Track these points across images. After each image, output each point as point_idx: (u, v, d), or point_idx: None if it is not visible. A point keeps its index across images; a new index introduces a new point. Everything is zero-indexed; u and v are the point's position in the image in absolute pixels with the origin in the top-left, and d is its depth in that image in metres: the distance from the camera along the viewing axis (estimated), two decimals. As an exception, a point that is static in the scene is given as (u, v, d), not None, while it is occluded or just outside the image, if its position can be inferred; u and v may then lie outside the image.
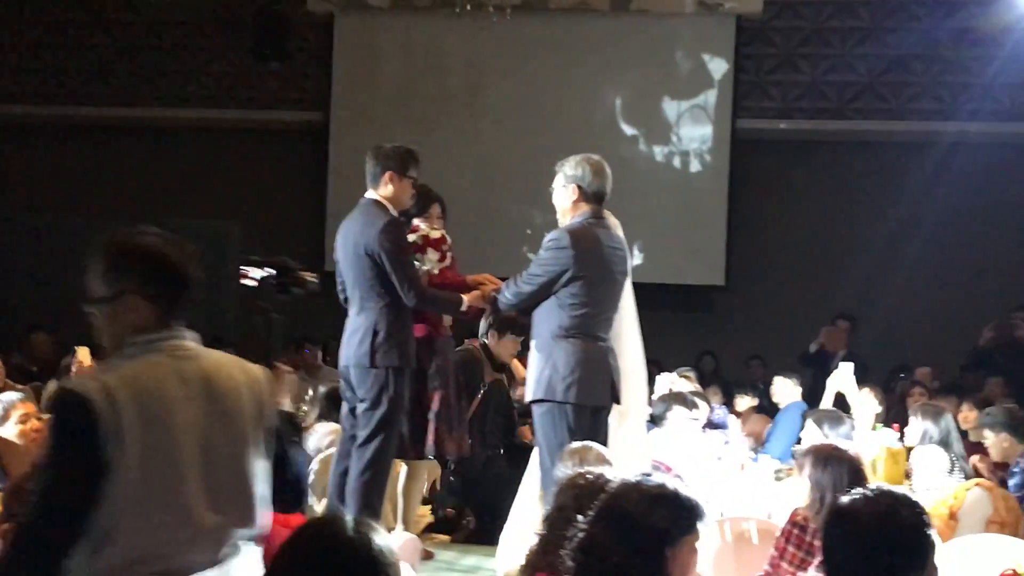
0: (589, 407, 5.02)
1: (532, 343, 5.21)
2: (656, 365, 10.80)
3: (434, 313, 5.55)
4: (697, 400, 6.44)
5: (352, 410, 5.26)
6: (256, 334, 12.60)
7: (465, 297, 5.36)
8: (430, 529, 6.53)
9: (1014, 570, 3.34)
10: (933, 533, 2.87)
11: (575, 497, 3.37)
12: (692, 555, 2.85)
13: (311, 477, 6.21)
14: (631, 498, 2.77)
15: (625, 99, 12.62)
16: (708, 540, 4.53)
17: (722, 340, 12.22)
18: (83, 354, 7.60)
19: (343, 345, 5.28)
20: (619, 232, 5.47)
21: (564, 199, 5.22)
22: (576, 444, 4.15)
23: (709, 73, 12.47)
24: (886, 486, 2.96)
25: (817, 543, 4.04)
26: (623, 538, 2.69)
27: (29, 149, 13.56)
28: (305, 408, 7.57)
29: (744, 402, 9.51)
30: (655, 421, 6.28)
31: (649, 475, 2.95)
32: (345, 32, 12.98)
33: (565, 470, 3.97)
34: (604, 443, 4.60)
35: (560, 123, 12.37)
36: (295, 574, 2.15)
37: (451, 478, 6.81)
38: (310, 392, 7.37)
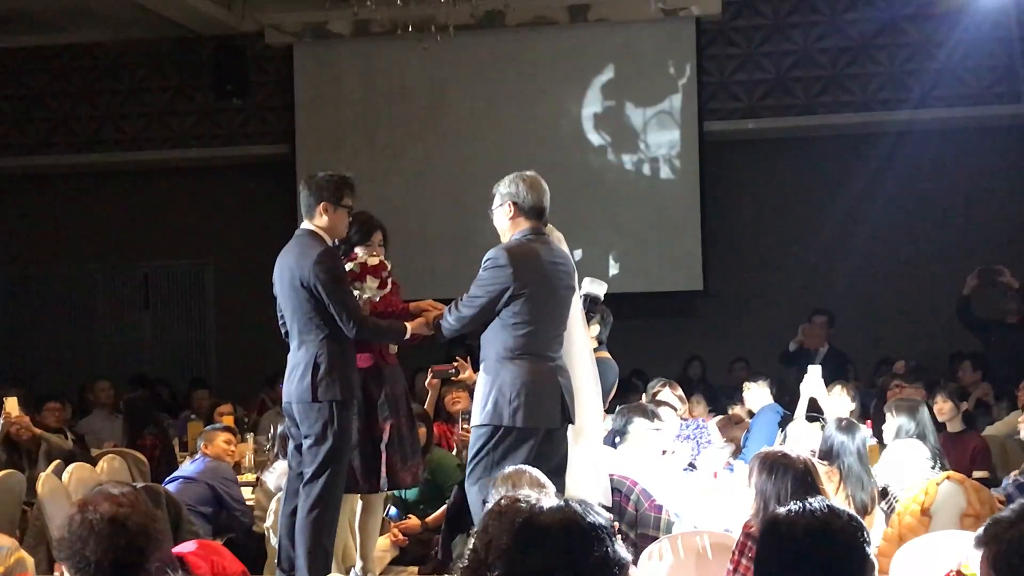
0: (540, 430, 4.88)
1: (481, 366, 5.09)
2: (638, 374, 10.78)
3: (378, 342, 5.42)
4: (660, 411, 6.29)
5: (298, 447, 5.14)
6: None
7: (409, 325, 5.24)
8: (397, 561, 6.39)
9: (959, 570, 3.21)
10: (872, 552, 2.76)
11: (500, 525, 3.21)
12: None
13: (270, 518, 6.11)
14: (532, 537, 2.53)
15: (590, 109, 12.52)
16: (662, 557, 4.45)
17: (704, 345, 12.12)
18: (11, 404, 7.51)
19: (285, 381, 5.16)
20: (563, 247, 5.35)
21: (502, 218, 5.11)
22: (509, 468, 4.01)
23: (673, 78, 12.37)
24: (825, 501, 2.83)
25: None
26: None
27: (-4, 201, 13.51)
28: (268, 446, 7.47)
29: (739, 411, 9.36)
30: (618, 435, 6.17)
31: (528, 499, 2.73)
32: (304, 62, 12.90)
33: (496, 496, 3.83)
34: (562, 464, 4.46)
35: (527, 138, 12.29)
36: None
37: (421, 506, 6.68)
38: (271, 430, 7.24)
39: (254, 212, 13.03)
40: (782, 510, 2.84)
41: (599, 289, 6.35)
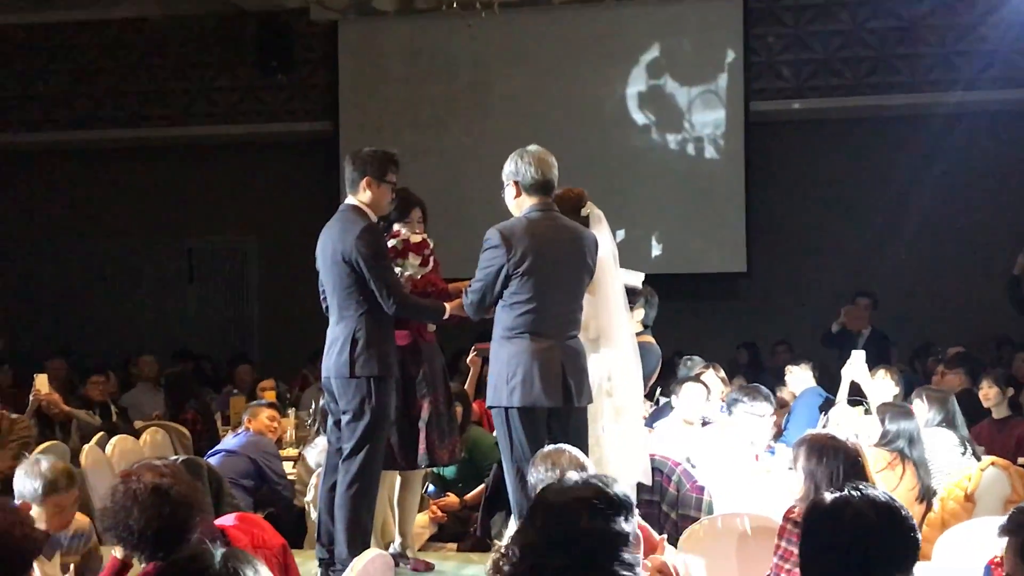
0: (539, 409, 4.75)
1: None
2: (680, 356, 10.74)
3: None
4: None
5: (337, 423, 5.14)
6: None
7: (448, 305, 5.21)
8: (436, 538, 6.41)
9: (1003, 557, 3.16)
10: (919, 538, 2.75)
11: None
12: (635, 548, 2.69)
13: (310, 493, 6.15)
14: (559, 511, 2.58)
15: (634, 88, 12.44)
16: (704, 537, 4.43)
17: (747, 327, 12.05)
18: (41, 382, 7.58)
19: (324, 355, 5.16)
20: (603, 226, 5.30)
21: (509, 199, 5.04)
22: (549, 448, 3.98)
23: (719, 56, 12.26)
24: (873, 488, 2.81)
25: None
26: (560, 556, 2.51)
27: (42, 175, 13.63)
28: (309, 421, 7.50)
29: (783, 394, 9.30)
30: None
31: (565, 477, 2.77)
32: (349, 39, 12.90)
33: (539, 476, 3.83)
34: (580, 445, 4.39)
35: (570, 117, 12.23)
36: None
37: (459, 484, 6.70)
38: (312, 405, 7.27)
39: (297, 189, 13.08)
40: (828, 496, 2.81)
41: (635, 280, 6.28)
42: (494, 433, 5.09)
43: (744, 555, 4.36)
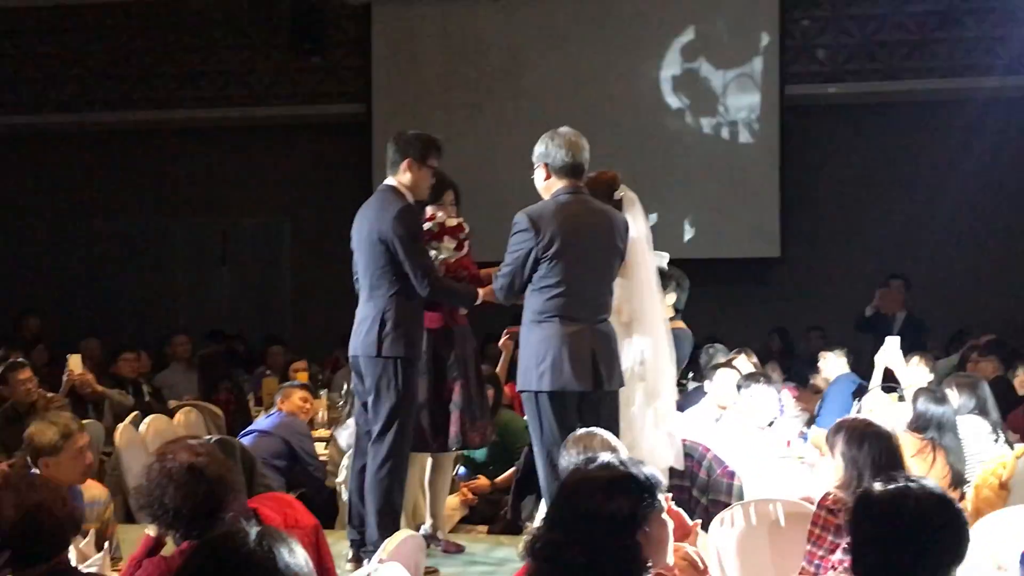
0: (568, 393, 4.75)
1: None
2: (711, 341, 10.70)
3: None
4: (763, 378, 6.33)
5: (364, 404, 5.15)
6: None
7: (481, 291, 5.20)
8: (466, 520, 6.42)
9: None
10: (969, 531, 2.74)
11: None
12: (663, 529, 2.70)
13: (342, 474, 6.17)
14: (583, 492, 2.60)
15: (669, 71, 12.38)
16: (733, 524, 4.41)
17: (780, 313, 11.98)
18: (74, 362, 7.64)
19: (352, 334, 5.16)
20: (637, 208, 5.28)
21: (539, 181, 5.01)
22: (580, 431, 3.97)
23: (754, 40, 12.18)
24: (919, 476, 2.80)
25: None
26: (586, 537, 2.52)
27: (77, 156, 13.70)
28: (340, 402, 7.53)
29: (817, 380, 9.26)
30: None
31: (593, 459, 2.77)
32: (382, 21, 12.89)
33: (570, 459, 3.82)
34: (611, 429, 4.37)
35: (604, 100, 12.18)
36: (197, 592, 2.03)
37: (490, 467, 6.70)
38: (344, 386, 7.29)
39: (330, 171, 13.10)
40: (881, 485, 2.78)
41: (660, 260, 6.26)
42: (525, 416, 5.09)
43: (776, 541, 4.34)
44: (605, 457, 2.76)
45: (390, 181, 5.19)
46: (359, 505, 5.11)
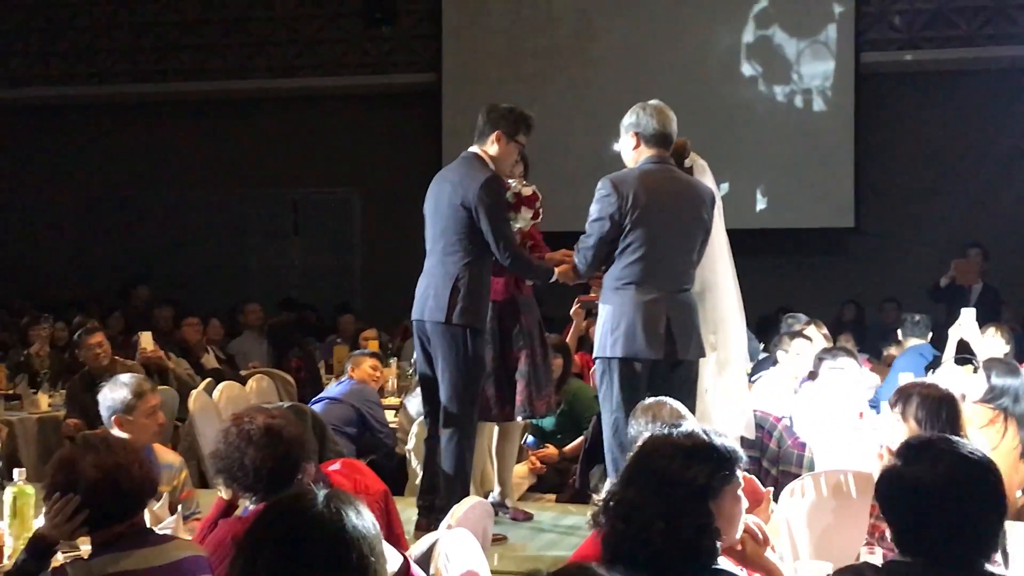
0: (640, 361, 4.74)
1: None
2: (784, 311, 10.60)
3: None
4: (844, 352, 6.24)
5: (425, 382, 5.18)
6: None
7: (557, 269, 5.17)
8: (534, 489, 6.44)
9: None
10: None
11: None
12: (736, 505, 2.68)
13: (411, 441, 6.21)
14: (663, 455, 2.59)
15: (741, 39, 12.24)
16: (804, 494, 4.37)
17: (854, 283, 11.84)
18: (145, 339, 7.77)
19: (417, 299, 5.17)
20: (708, 177, 5.24)
21: (627, 150, 5.01)
22: (649, 400, 3.95)
23: (829, 7, 12.00)
24: (960, 445, 2.70)
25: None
26: (662, 500, 2.52)
27: (151, 126, 13.87)
28: (410, 371, 7.56)
29: (894, 351, 9.13)
30: (810, 376, 6.13)
31: (679, 425, 2.78)
32: (452, -10, 12.89)
33: (639, 428, 3.81)
34: (685, 399, 4.34)
35: (675, 68, 12.07)
36: (263, 552, 2.05)
37: (558, 436, 6.71)
38: (414, 355, 7.31)
39: (400, 140, 13.14)
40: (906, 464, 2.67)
41: None
42: (593, 385, 5.09)
43: (847, 512, 4.29)
44: (690, 426, 2.76)
45: (475, 149, 5.18)
46: (428, 470, 5.15)
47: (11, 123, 14.16)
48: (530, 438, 6.66)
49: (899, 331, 8.20)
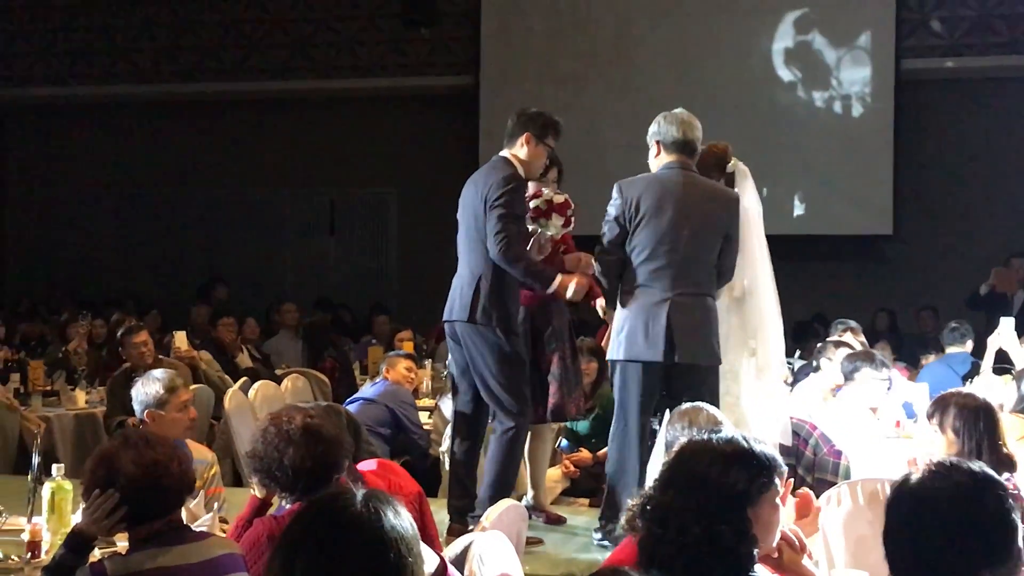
0: (644, 364, 4.82)
1: None
2: (819, 319, 10.54)
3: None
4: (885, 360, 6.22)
5: (464, 371, 5.18)
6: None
7: (558, 280, 5.01)
8: (568, 492, 6.42)
9: None
10: (1018, 518, 2.46)
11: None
12: (774, 513, 2.66)
13: (445, 443, 6.20)
14: (703, 459, 2.57)
15: (781, 44, 12.19)
16: (840, 503, 4.34)
17: (891, 291, 11.76)
18: (180, 339, 7.82)
19: (448, 299, 5.17)
20: (748, 181, 5.25)
21: (651, 158, 5.10)
22: (686, 405, 3.94)
23: (869, 12, 11.94)
24: (971, 464, 2.58)
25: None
26: (700, 504, 2.50)
27: (191, 125, 13.95)
28: (444, 373, 7.56)
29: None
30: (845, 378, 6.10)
31: (717, 431, 2.76)
32: (491, -7, 12.90)
33: (675, 433, 3.79)
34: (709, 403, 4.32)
35: (713, 73, 12.04)
36: (301, 552, 2.06)
37: (592, 440, 6.69)
38: (448, 357, 7.32)
39: (437, 142, 13.16)
40: (919, 477, 2.56)
41: None
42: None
43: (882, 521, 4.26)
44: (729, 432, 2.75)
45: (504, 153, 5.18)
46: (460, 473, 5.15)
47: (58, 122, 14.30)
48: (564, 442, 6.65)
49: (941, 338, 8.14)
